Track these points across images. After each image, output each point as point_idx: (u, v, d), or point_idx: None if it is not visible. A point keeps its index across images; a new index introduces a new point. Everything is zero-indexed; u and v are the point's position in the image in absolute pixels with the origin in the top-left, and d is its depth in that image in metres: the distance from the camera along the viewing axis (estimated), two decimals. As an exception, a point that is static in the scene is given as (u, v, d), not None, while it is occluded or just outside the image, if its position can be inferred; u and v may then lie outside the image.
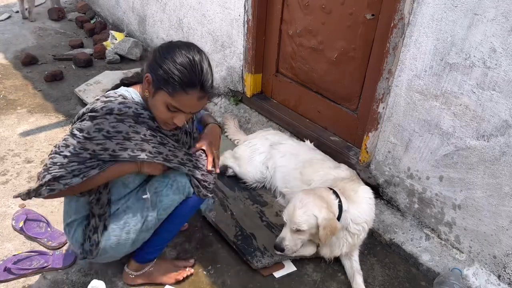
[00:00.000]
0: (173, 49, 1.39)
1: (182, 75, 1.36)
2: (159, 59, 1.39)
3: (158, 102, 1.41)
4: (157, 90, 1.40)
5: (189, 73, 1.37)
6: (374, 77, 2.18)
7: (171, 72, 1.35)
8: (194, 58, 1.38)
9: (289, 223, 1.83)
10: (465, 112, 1.78)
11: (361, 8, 2.18)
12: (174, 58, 1.36)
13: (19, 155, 2.54)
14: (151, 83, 1.41)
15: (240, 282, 1.88)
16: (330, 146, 2.52)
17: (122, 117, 1.41)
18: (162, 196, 1.57)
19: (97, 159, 1.41)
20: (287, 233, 1.85)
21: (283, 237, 1.86)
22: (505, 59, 1.59)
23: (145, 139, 1.45)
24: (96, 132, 1.38)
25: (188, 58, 1.37)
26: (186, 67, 1.36)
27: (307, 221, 1.78)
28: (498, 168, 1.75)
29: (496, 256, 1.88)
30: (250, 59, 2.86)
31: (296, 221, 1.79)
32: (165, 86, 1.37)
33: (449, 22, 1.71)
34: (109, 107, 1.40)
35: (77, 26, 4.65)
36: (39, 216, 2.07)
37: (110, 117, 1.40)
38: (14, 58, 3.81)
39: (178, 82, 1.36)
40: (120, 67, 3.77)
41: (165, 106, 1.41)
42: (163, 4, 3.58)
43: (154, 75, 1.39)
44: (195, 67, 1.38)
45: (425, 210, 2.11)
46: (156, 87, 1.40)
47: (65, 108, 3.10)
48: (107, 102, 1.42)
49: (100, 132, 1.39)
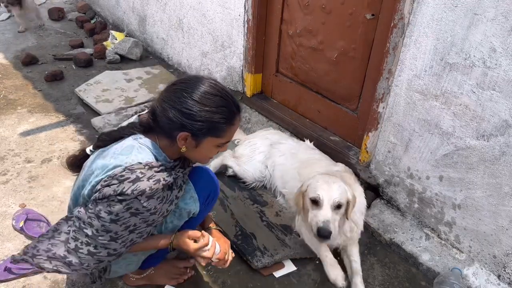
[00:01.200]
0: (189, 95, 1.31)
1: (222, 113, 1.33)
2: (187, 114, 1.30)
3: (206, 148, 1.39)
4: (201, 140, 1.36)
5: (226, 107, 1.34)
6: (374, 77, 2.18)
7: (211, 118, 1.31)
8: (215, 89, 1.34)
9: (328, 200, 1.75)
10: (465, 112, 1.78)
11: (361, 8, 2.18)
12: (202, 103, 1.30)
13: (19, 155, 2.54)
14: (188, 138, 1.34)
15: (240, 282, 1.88)
16: (330, 146, 2.52)
17: (153, 193, 1.31)
18: (167, 223, 1.56)
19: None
20: (327, 212, 1.73)
21: (327, 219, 1.71)
22: (505, 59, 1.59)
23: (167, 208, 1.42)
24: (124, 212, 1.30)
25: (212, 94, 1.32)
26: (219, 104, 1.32)
27: (344, 195, 1.77)
28: (498, 167, 1.75)
29: (496, 256, 1.88)
30: (250, 59, 2.87)
31: (337, 195, 1.74)
32: (212, 132, 1.35)
33: (449, 22, 1.71)
34: (140, 189, 1.27)
35: (77, 26, 4.65)
36: (39, 216, 2.07)
37: (142, 198, 1.29)
38: (14, 58, 3.81)
39: (223, 122, 1.34)
40: (120, 67, 3.78)
41: (215, 147, 1.41)
42: (163, 4, 3.59)
43: (191, 130, 1.32)
44: (224, 98, 1.34)
45: (425, 209, 2.11)
46: (199, 139, 1.35)
47: (65, 108, 3.10)
48: (136, 181, 1.27)
49: (128, 211, 1.30)
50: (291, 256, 1.98)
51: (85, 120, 2.94)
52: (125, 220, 1.31)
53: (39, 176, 2.38)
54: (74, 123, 2.90)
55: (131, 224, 1.33)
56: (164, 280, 1.79)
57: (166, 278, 1.79)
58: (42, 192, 2.27)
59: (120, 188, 1.26)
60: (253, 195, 2.36)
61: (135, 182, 1.27)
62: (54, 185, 2.32)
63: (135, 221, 1.33)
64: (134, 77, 3.52)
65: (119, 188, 1.26)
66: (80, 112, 3.06)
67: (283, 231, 2.09)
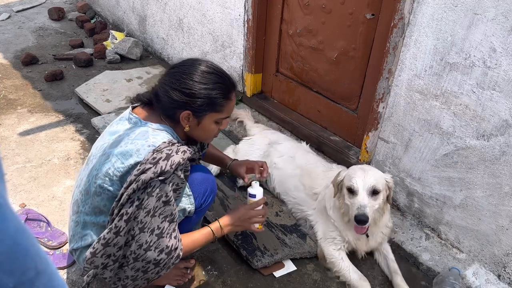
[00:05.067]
0: (188, 76, 1.42)
1: (220, 89, 1.44)
2: (187, 93, 1.41)
3: (207, 124, 1.49)
4: (202, 117, 1.46)
5: (222, 84, 1.46)
6: (374, 77, 2.18)
7: (210, 95, 1.42)
8: (211, 68, 1.46)
9: (363, 188, 1.74)
10: (465, 112, 1.78)
11: (361, 7, 2.18)
12: (200, 81, 1.42)
13: (19, 155, 2.54)
14: (190, 116, 1.45)
15: (240, 281, 1.88)
16: (330, 146, 2.52)
17: (185, 164, 1.42)
18: None
19: None
20: (364, 198, 1.73)
21: (363, 205, 1.71)
22: (505, 58, 1.59)
23: None
24: (171, 191, 1.39)
25: (208, 72, 1.44)
26: (216, 80, 1.44)
27: (381, 181, 1.78)
28: (498, 167, 1.75)
29: (496, 256, 1.88)
30: (250, 59, 2.86)
31: (372, 181, 1.74)
32: (212, 108, 1.45)
33: (449, 21, 1.71)
34: (175, 163, 1.36)
35: (77, 25, 4.65)
36: (40, 216, 2.07)
37: (178, 171, 1.39)
38: (14, 57, 3.81)
39: (221, 97, 1.44)
40: (121, 67, 3.77)
41: (215, 123, 1.50)
42: (163, 4, 3.58)
43: (192, 107, 1.42)
44: (220, 75, 1.46)
45: (425, 209, 2.11)
46: (200, 115, 1.46)
47: (65, 107, 3.10)
48: (169, 157, 1.36)
49: (172, 188, 1.39)
50: (291, 256, 1.98)
51: (85, 120, 2.94)
52: (173, 197, 1.39)
53: (39, 176, 2.38)
54: (74, 123, 2.90)
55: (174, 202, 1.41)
56: (163, 281, 1.79)
57: (166, 279, 1.79)
58: (42, 192, 2.27)
59: (158, 169, 1.32)
60: (253, 195, 2.36)
61: (169, 158, 1.34)
62: (54, 185, 2.32)
63: (176, 198, 1.42)
64: (134, 77, 3.52)
65: (157, 169, 1.32)
66: (80, 112, 3.06)
67: (283, 231, 2.09)
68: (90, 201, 1.47)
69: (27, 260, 0.57)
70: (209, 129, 1.52)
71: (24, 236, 0.57)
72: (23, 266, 0.56)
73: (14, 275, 0.55)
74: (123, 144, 1.41)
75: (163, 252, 1.40)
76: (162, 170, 1.32)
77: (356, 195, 1.76)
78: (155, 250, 1.39)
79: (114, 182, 1.41)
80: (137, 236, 1.38)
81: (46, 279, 0.59)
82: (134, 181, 1.33)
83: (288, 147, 2.38)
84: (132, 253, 1.40)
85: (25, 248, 0.57)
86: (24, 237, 0.57)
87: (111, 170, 1.39)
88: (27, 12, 4.90)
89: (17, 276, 0.55)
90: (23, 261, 0.56)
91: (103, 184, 1.41)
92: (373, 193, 1.76)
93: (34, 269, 0.58)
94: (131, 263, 1.42)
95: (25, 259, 0.57)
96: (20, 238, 0.56)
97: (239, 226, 1.68)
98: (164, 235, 1.39)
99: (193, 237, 1.57)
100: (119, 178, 1.40)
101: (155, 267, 1.43)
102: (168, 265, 1.45)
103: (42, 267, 0.59)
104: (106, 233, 1.38)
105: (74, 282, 1.79)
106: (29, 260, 0.57)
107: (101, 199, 1.44)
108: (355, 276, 1.86)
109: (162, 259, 1.41)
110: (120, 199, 1.36)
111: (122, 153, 1.39)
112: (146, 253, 1.39)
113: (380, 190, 1.76)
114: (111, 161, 1.40)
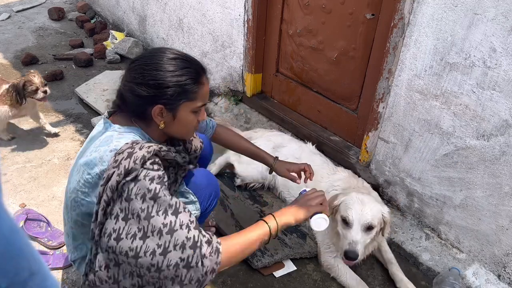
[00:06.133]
0: (151, 66, 1.28)
1: (189, 73, 1.29)
2: (154, 85, 1.26)
3: (184, 116, 1.33)
4: (176, 109, 1.30)
5: (191, 68, 1.31)
6: (374, 77, 2.18)
7: (180, 81, 1.27)
8: (175, 54, 1.31)
9: (358, 222, 1.72)
10: (465, 112, 1.78)
11: (361, 7, 2.18)
12: (166, 69, 1.27)
13: (19, 155, 2.54)
14: (163, 111, 1.29)
15: (240, 281, 1.88)
16: (330, 146, 2.52)
17: (153, 158, 1.23)
18: None
19: None
20: (357, 233, 1.70)
21: (355, 241, 1.68)
22: (505, 58, 1.59)
23: None
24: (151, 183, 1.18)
25: (173, 58, 1.29)
26: (184, 65, 1.29)
27: (377, 216, 1.74)
28: (498, 167, 1.75)
29: (496, 256, 1.88)
30: (250, 59, 2.86)
31: (368, 217, 1.72)
32: (184, 96, 1.29)
33: (449, 21, 1.71)
34: (139, 157, 1.18)
35: (77, 25, 4.65)
36: (39, 216, 2.07)
37: (147, 165, 1.20)
38: (14, 57, 3.81)
39: (192, 82, 1.29)
40: (120, 67, 3.77)
41: (192, 114, 1.34)
42: (163, 4, 3.58)
43: (163, 100, 1.27)
44: (186, 60, 1.31)
45: (425, 209, 2.11)
46: (174, 107, 1.29)
47: (65, 107, 3.10)
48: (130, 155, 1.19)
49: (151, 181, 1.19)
50: (291, 256, 1.98)
51: (85, 120, 2.94)
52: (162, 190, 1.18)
53: (39, 176, 2.38)
54: (74, 123, 2.90)
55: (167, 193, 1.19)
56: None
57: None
58: (42, 192, 2.27)
59: (121, 169, 1.15)
60: (253, 195, 2.36)
61: (131, 156, 1.17)
62: (54, 185, 2.32)
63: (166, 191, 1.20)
64: (134, 77, 3.52)
65: (120, 169, 1.15)
66: (80, 112, 3.06)
67: (283, 231, 2.09)
68: (70, 215, 1.36)
69: (20, 260, 0.57)
70: (186, 122, 1.35)
71: (18, 236, 0.57)
72: (16, 266, 0.56)
73: (7, 276, 0.55)
74: (88, 153, 1.28)
75: (186, 247, 1.14)
76: (126, 169, 1.15)
77: (350, 227, 1.74)
78: (174, 248, 1.14)
79: (88, 194, 1.26)
80: (142, 248, 1.14)
81: (39, 280, 0.59)
82: (103, 191, 1.17)
83: (293, 149, 2.36)
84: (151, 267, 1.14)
85: (19, 248, 0.56)
86: (18, 238, 0.56)
87: (81, 183, 1.26)
88: (27, 12, 4.89)
89: (10, 277, 0.55)
90: (16, 262, 0.56)
91: (76, 198, 1.29)
92: (367, 228, 1.74)
93: (28, 270, 0.57)
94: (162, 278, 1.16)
95: (18, 259, 0.56)
96: (14, 239, 0.56)
97: (299, 212, 1.39)
98: (176, 228, 1.15)
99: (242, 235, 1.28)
100: (91, 190, 1.25)
101: (188, 271, 1.14)
102: (201, 261, 1.15)
103: (35, 268, 0.59)
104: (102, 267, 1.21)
105: (74, 282, 1.79)
106: (22, 260, 0.57)
107: (76, 214, 1.32)
108: (353, 282, 1.86)
109: (189, 255, 1.14)
110: (97, 218, 1.19)
111: (87, 163, 1.25)
112: (166, 256, 1.14)
113: (375, 225, 1.74)
114: (80, 173, 1.27)
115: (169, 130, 1.36)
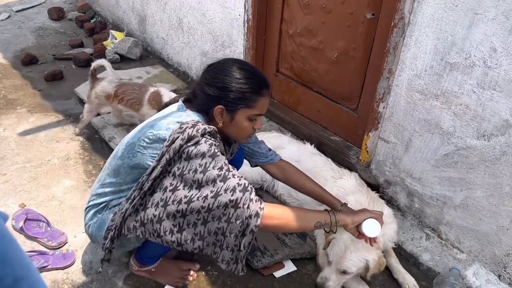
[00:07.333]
0: (222, 72, 1.48)
1: (252, 84, 1.47)
2: (221, 88, 1.46)
3: (240, 120, 1.51)
4: (235, 112, 1.49)
5: (255, 79, 1.49)
6: (374, 77, 2.18)
7: (242, 88, 1.46)
8: (244, 65, 1.52)
9: (336, 264, 1.75)
10: (466, 112, 1.78)
11: (361, 7, 2.18)
12: (234, 76, 1.46)
13: (19, 155, 2.54)
14: (224, 112, 1.48)
15: (240, 282, 1.88)
16: (330, 146, 2.52)
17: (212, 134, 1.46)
18: None
19: None
20: (331, 273, 1.76)
21: (326, 277, 1.76)
22: (506, 58, 1.59)
23: None
24: (209, 147, 1.40)
25: (242, 68, 1.49)
26: (249, 76, 1.48)
27: (357, 265, 1.73)
28: (498, 167, 1.74)
29: (496, 256, 1.88)
30: (250, 59, 2.86)
31: (346, 264, 1.72)
32: (243, 102, 1.47)
33: (450, 21, 1.71)
34: (202, 128, 1.41)
35: (77, 25, 4.65)
36: (39, 216, 2.06)
37: (206, 137, 1.42)
38: (14, 57, 3.80)
39: (253, 91, 1.47)
40: (120, 67, 3.77)
41: (248, 120, 1.52)
42: (163, 3, 3.58)
43: (225, 102, 1.46)
44: (253, 71, 1.51)
45: (425, 209, 2.11)
46: (233, 110, 1.48)
47: (65, 107, 3.09)
48: (195, 126, 1.41)
49: (210, 146, 1.42)
50: (291, 256, 1.98)
51: (85, 120, 2.94)
52: (218, 151, 1.39)
53: (39, 176, 2.38)
54: (74, 123, 2.90)
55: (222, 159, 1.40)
56: (164, 279, 1.79)
57: (167, 278, 1.79)
58: (42, 192, 2.26)
59: (185, 135, 1.36)
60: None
61: (194, 127, 1.39)
62: (54, 185, 2.32)
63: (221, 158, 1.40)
64: (134, 76, 3.52)
65: (185, 135, 1.36)
66: (80, 112, 3.05)
67: (283, 231, 2.09)
68: (114, 162, 1.56)
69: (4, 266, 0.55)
70: (242, 126, 1.53)
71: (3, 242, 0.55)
72: None
73: None
74: (157, 119, 1.50)
75: (236, 190, 1.34)
76: (189, 136, 1.37)
77: (329, 264, 1.78)
78: (225, 192, 1.33)
79: (145, 148, 1.45)
80: (196, 195, 1.34)
81: (26, 286, 0.58)
82: (166, 151, 1.37)
83: (292, 150, 2.32)
84: (201, 210, 1.34)
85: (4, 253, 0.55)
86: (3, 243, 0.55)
87: (142, 139, 1.46)
88: (27, 12, 4.90)
89: None
90: None
91: (132, 149, 1.48)
92: (343, 272, 1.75)
93: (12, 276, 0.56)
94: (210, 220, 1.36)
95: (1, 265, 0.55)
96: None
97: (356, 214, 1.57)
98: (229, 176, 1.36)
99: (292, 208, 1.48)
100: (148, 145, 1.44)
101: (235, 210, 1.34)
102: (248, 205, 1.34)
103: (21, 274, 0.57)
104: (160, 212, 1.37)
105: (74, 282, 1.79)
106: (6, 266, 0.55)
107: (122, 162, 1.51)
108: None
109: (238, 197, 1.33)
110: (152, 173, 1.39)
111: (153, 125, 1.47)
112: (217, 198, 1.33)
113: (351, 273, 1.74)
114: (143, 131, 1.48)
115: (225, 129, 1.55)
